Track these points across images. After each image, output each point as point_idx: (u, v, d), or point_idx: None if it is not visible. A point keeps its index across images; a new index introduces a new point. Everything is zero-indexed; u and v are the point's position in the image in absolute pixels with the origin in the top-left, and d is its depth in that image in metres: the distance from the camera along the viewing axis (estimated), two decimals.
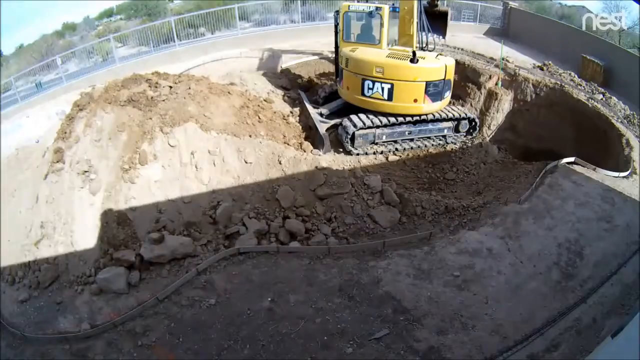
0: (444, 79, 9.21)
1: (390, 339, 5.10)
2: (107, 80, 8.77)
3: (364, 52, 9.39)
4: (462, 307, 5.50)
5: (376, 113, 9.40)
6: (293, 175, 7.99)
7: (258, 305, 5.65)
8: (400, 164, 9.48)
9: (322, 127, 9.48)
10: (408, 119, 9.41)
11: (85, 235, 6.66)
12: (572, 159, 8.71)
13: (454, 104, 11.18)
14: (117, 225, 6.78)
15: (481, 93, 12.29)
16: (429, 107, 9.32)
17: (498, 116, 12.25)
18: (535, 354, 4.86)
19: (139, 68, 13.28)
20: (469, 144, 10.24)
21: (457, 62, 11.42)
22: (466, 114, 10.00)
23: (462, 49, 13.57)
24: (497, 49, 12.97)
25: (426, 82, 9.01)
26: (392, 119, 9.33)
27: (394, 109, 9.31)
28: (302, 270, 6.25)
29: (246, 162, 7.97)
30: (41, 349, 5.37)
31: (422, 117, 9.45)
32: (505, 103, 12.13)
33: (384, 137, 9.48)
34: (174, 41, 14.21)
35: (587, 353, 4.48)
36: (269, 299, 5.74)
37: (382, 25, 9.37)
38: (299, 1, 16.12)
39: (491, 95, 12.19)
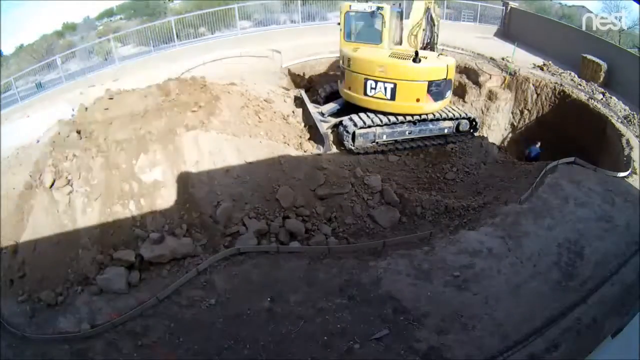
0: (445, 79, 9.23)
1: (390, 339, 5.10)
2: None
3: (366, 52, 9.40)
4: (462, 307, 5.49)
5: (377, 112, 9.41)
6: (293, 175, 7.99)
7: (258, 305, 5.64)
8: (401, 164, 9.47)
9: (323, 127, 9.50)
10: (408, 118, 9.42)
11: (85, 237, 6.66)
12: (572, 159, 8.70)
13: (454, 104, 11.18)
14: (117, 227, 6.78)
15: (481, 93, 12.31)
16: (430, 106, 9.33)
17: (498, 116, 12.28)
18: (535, 354, 4.86)
19: (139, 68, 13.32)
20: (469, 144, 10.25)
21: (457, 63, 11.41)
22: (466, 114, 10.00)
23: (462, 49, 13.57)
24: (498, 49, 12.96)
25: (428, 81, 9.02)
26: (393, 119, 9.34)
27: (396, 108, 9.32)
28: (302, 270, 6.24)
29: (246, 162, 7.97)
30: (41, 349, 5.37)
31: (423, 117, 9.46)
32: (505, 103, 12.16)
33: (385, 136, 9.49)
34: (174, 41, 14.23)
35: (587, 353, 4.46)
36: (269, 299, 5.73)
37: (383, 25, 9.37)
38: (299, 1, 16.12)
39: (491, 95, 12.22)
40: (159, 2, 24.81)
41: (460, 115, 9.85)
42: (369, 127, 9.22)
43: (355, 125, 9.05)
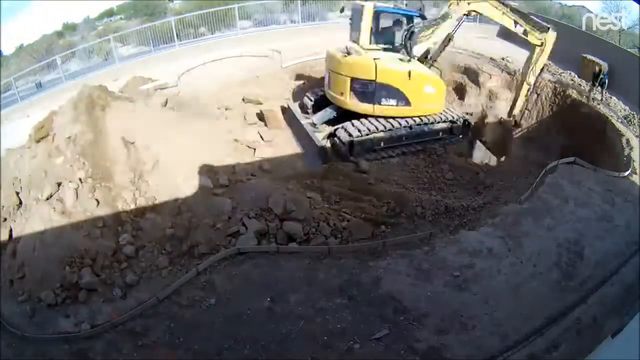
0: (374, 80, 8.95)
1: (390, 339, 5.10)
2: None
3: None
4: (462, 307, 5.49)
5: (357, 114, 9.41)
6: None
7: (258, 305, 5.64)
8: (401, 164, 9.46)
9: (318, 138, 9.29)
10: (404, 123, 9.50)
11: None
12: (572, 159, 8.69)
13: (451, 104, 11.24)
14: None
15: (481, 93, 12.31)
16: (354, 104, 9.34)
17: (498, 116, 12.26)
18: (535, 354, 4.86)
19: (139, 68, 13.31)
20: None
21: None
22: (459, 115, 10.15)
23: (462, 49, 13.55)
24: (499, 49, 12.93)
25: (351, 77, 9.11)
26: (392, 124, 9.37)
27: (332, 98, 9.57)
28: (302, 270, 6.24)
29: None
30: (41, 349, 5.37)
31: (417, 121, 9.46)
32: (505, 103, 12.13)
33: (382, 142, 9.43)
34: (174, 41, 14.24)
35: (587, 353, 4.47)
36: (269, 299, 5.73)
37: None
38: (299, 1, 16.14)
39: (491, 95, 12.21)
40: (159, 2, 24.79)
41: (453, 118, 9.83)
42: (366, 135, 9.06)
43: (350, 135, 8.94)
